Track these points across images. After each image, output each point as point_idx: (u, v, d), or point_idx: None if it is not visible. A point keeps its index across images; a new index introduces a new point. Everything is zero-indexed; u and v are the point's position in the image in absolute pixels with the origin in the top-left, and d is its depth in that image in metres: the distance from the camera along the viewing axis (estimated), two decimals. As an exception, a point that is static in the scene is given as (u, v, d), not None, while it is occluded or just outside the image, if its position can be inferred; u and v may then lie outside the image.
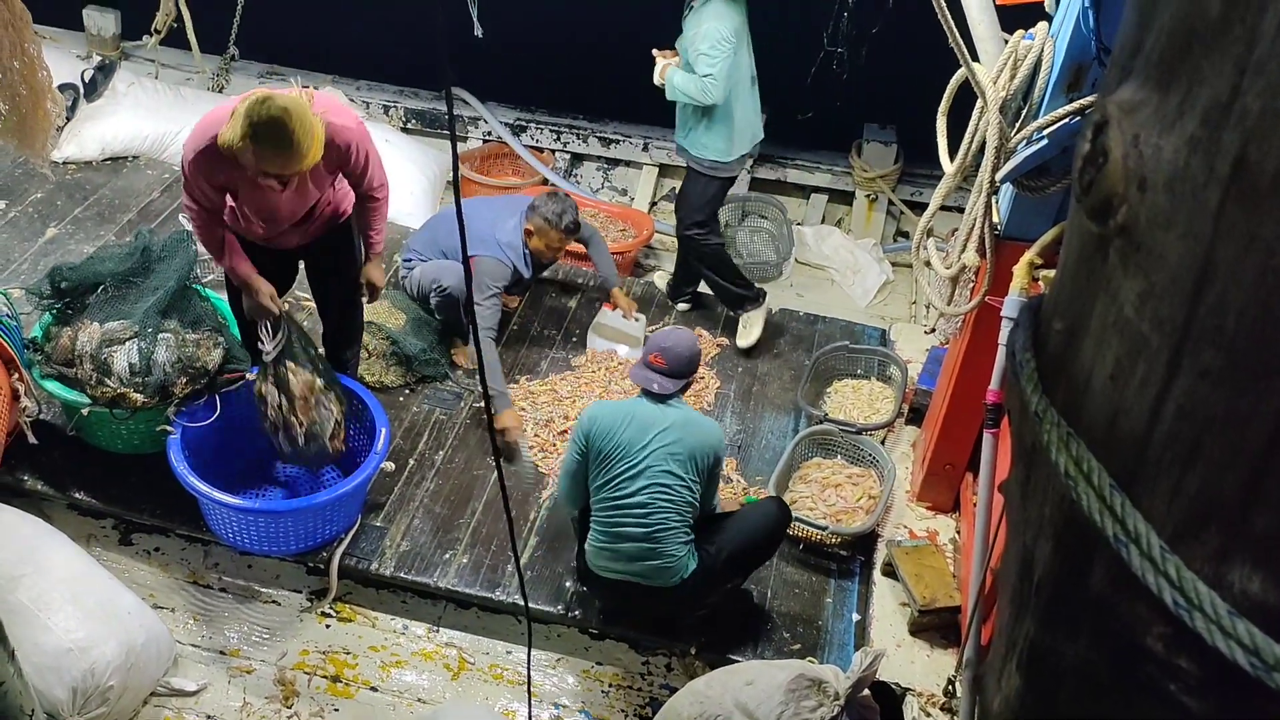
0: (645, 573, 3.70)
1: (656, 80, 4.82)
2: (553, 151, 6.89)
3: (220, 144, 3.51)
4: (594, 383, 5.04)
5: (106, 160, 6.16)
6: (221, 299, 4.40)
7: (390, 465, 4.21)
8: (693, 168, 5.03)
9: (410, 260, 5.09)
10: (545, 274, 5.40)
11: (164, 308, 4.10)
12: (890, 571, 4.19)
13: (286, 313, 4.01)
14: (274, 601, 4.18)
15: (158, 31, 4.80)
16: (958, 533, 4.34)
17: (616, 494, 3.65)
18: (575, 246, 5.28)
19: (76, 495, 4.25)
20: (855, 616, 4.15)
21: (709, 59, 4.59)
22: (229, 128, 3.48)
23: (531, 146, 6.83)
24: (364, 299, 4.36)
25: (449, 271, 4.87)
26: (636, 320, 5.26)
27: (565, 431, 4.71)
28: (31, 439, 3.92)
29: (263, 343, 3.99)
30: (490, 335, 4.75)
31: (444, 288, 4.86)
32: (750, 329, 5.31)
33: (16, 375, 3.90)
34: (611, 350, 5.24)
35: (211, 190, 3.76)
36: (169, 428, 4.01)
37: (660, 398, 3.71)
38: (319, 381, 4.05)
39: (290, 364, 4.00)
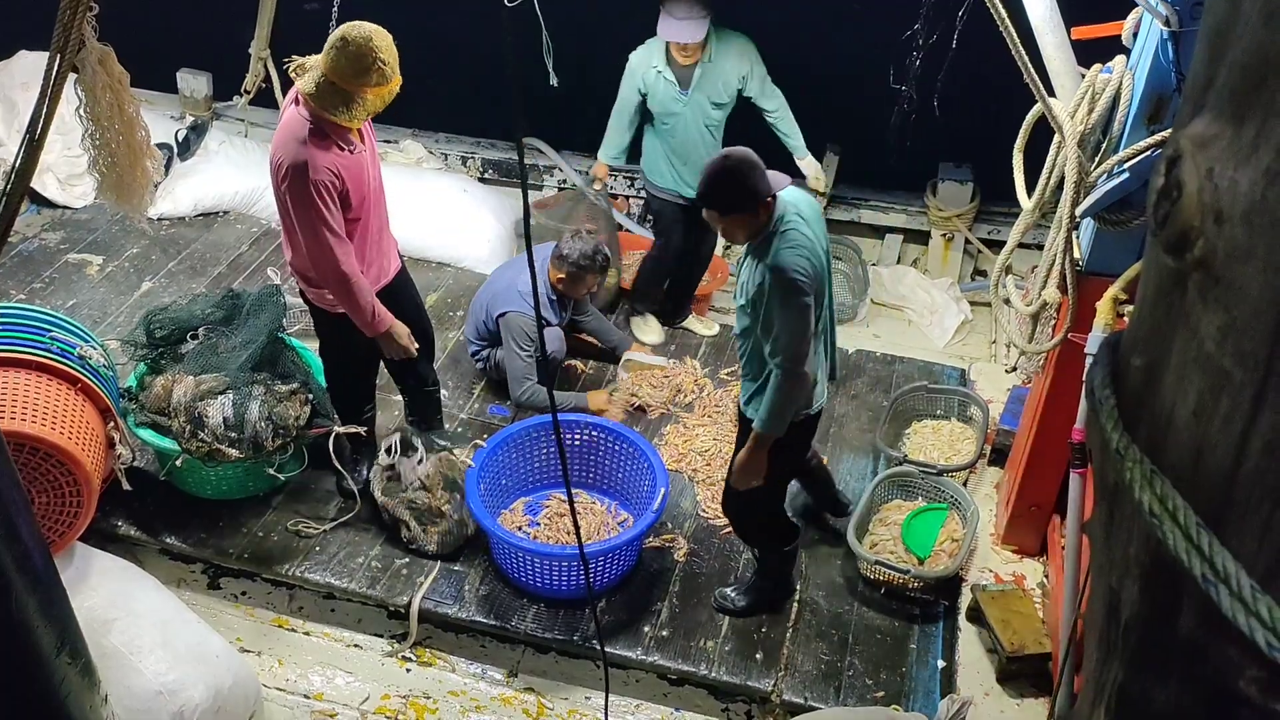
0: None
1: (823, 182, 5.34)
2: (626, 198, 6.96)
3: (320, 106, 3.56)
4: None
5: (199, 216, 6.40)
6: (308, 349, 4.52)
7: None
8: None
9: (476, 349, 5.16)
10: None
11: (256, 362, 4.24)
12: (976, 617, 4.09)
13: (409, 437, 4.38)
14: (356, 645, 4.24)
15: (247, 92, 4.98)
16: (1046, 577, 4.23)
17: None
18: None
19: (167, 540, 4.38)
20: (940, 663, 4.05)
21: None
22: (315, 79, 3.56)
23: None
24: None
25: (548, 338, 4.93)
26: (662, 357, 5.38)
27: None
28: (126, 485, 4.05)
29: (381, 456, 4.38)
30: (531, 380, 4.79)
31: (547, 352, 4.92)
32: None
33: (112, 424, 4.05)
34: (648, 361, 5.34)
35: (332, 200, 3.69)
36: (470, 461, 4.34)
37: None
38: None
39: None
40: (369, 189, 3.87)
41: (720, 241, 6.83)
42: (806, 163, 5.24)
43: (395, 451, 4.34)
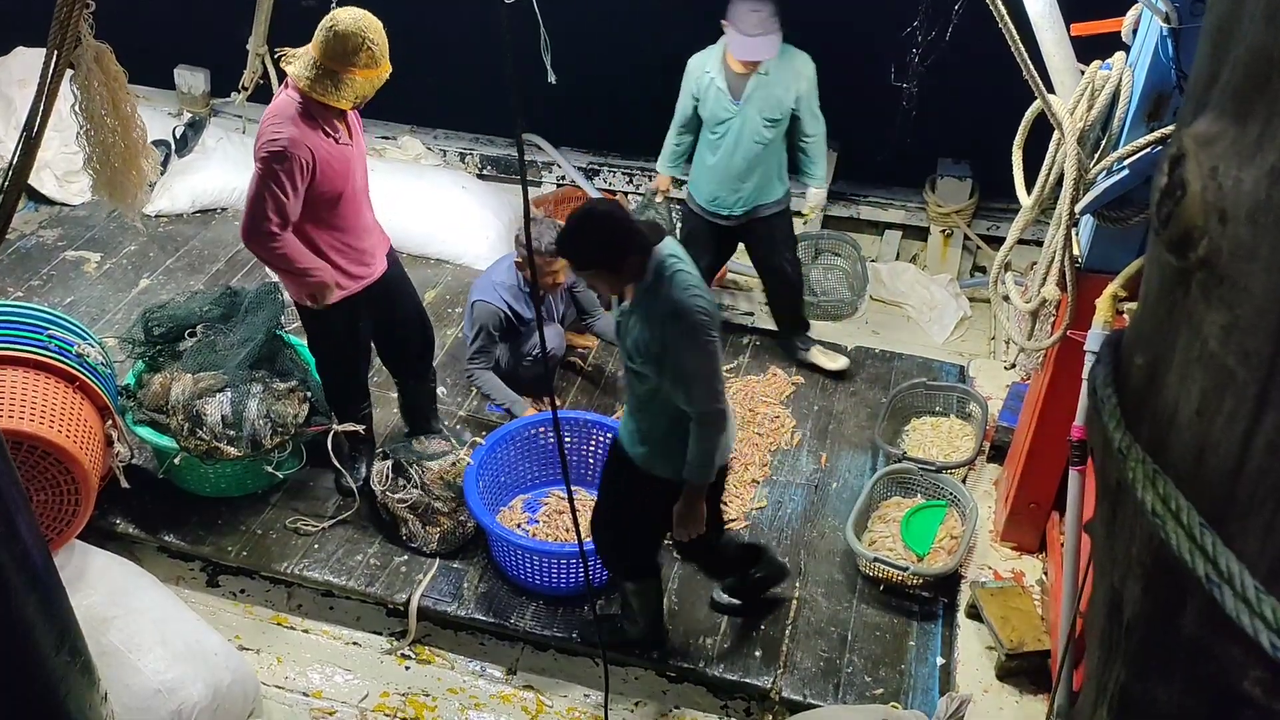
0: None
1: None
2: (625, 194, 6.95)
3: (309, 84, 3.61)
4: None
5: (196, 213, 6.39)
6: (306, 346, 4.52)
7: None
8: (784, 210, 5.12)
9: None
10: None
11: (254, 360, 4.23)
12: (975, 614, 4.09)
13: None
14: (355, 643, 4.23)
15: (245, 88, 4.98)
16: (1045, 574, 4.23)
17: None
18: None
19: (166, 538, 4.37)
20: (939, 660, 4.05)
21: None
22: (307, 62, 3.62)
23: (604, 189, 6.90)
24: None
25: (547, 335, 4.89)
26: None
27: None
28: (124, 483, 4.04)
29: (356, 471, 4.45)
30: (480, 368, 4.80)
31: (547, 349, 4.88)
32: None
33: (110, 422, 4.04)
34: None
35: (300, 180, 3.69)
36: (468, 459, 4.29)
37: None
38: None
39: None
40: (350, 185, 3.87)
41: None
42: (814, 192, 5.08)
43: (387, 478, 4.32)
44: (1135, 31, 3.22)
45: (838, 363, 5.36)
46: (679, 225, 5.51)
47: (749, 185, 4.91)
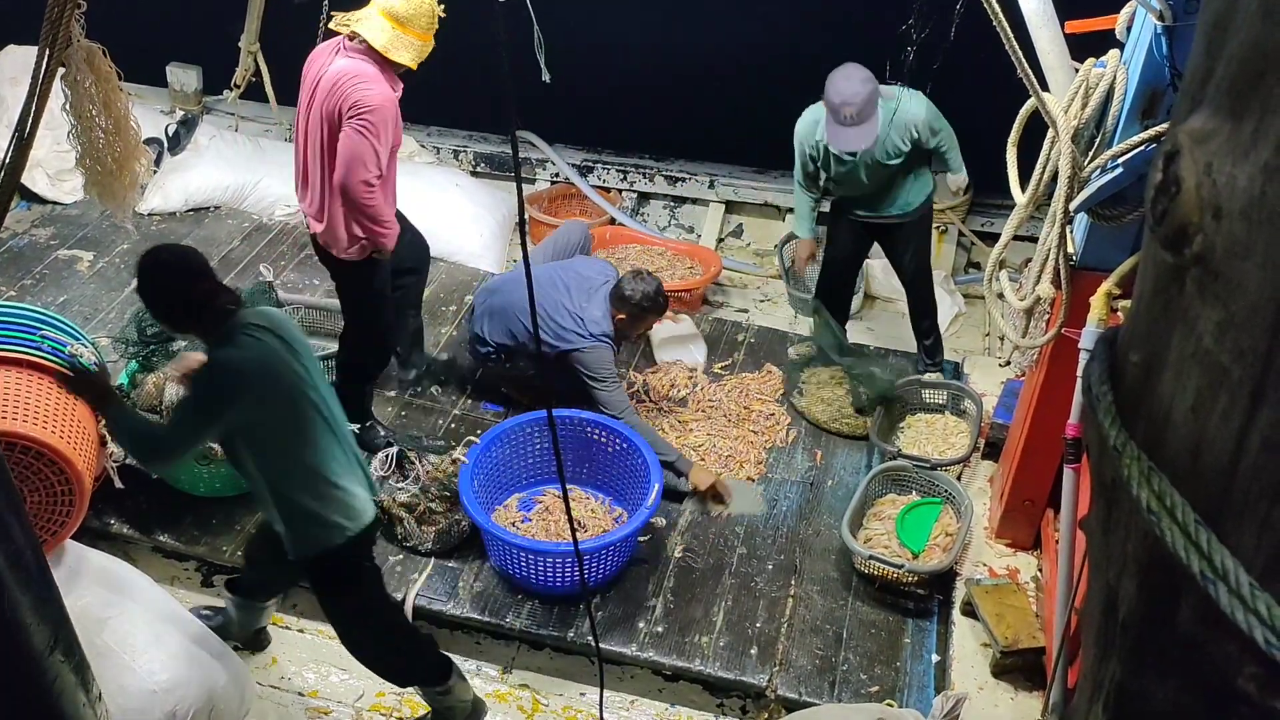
0: None
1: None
2: (619, 191, 6.95)
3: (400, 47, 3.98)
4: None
5: (189, 211, 6.38)
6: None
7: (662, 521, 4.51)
8: (920, 218, 5.05)
9: (490, 351, 4.91)
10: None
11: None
12: (970, 611, 4.10)
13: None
14: (351, 642, 4.23)
15: (237, 86, 5.00)
16: (1040, 571, 4.24)
17: None
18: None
19: (160, 538, 4.36)
20: (935, 658, 4.06)
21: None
22: (379, 25, 3.96)
23: (599, 186, 6.90)
24: None
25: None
26: (682, 319, 5.39)
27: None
28: (118, 484, 4.03)
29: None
30: (629, 407, 4.62)
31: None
32: None
33: (104, 422, 4.02)
34: (680, 360, 5.35)
35: (391, 133, 4.02)
36: (464, 458, 4.29)
37: None
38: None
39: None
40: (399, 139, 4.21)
41: (715, 232, 6.84)
42: (953, 177, 5.00)
43: (390, 463, 4.36)
44: (1129, 29, 3.22)
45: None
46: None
47: (882, 199, 4.90)
